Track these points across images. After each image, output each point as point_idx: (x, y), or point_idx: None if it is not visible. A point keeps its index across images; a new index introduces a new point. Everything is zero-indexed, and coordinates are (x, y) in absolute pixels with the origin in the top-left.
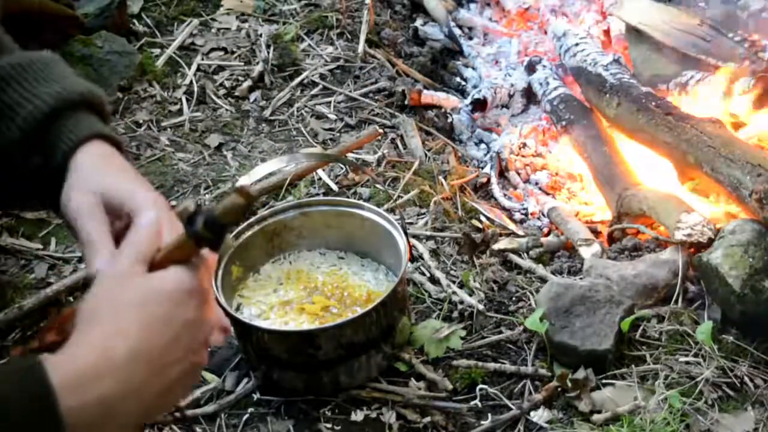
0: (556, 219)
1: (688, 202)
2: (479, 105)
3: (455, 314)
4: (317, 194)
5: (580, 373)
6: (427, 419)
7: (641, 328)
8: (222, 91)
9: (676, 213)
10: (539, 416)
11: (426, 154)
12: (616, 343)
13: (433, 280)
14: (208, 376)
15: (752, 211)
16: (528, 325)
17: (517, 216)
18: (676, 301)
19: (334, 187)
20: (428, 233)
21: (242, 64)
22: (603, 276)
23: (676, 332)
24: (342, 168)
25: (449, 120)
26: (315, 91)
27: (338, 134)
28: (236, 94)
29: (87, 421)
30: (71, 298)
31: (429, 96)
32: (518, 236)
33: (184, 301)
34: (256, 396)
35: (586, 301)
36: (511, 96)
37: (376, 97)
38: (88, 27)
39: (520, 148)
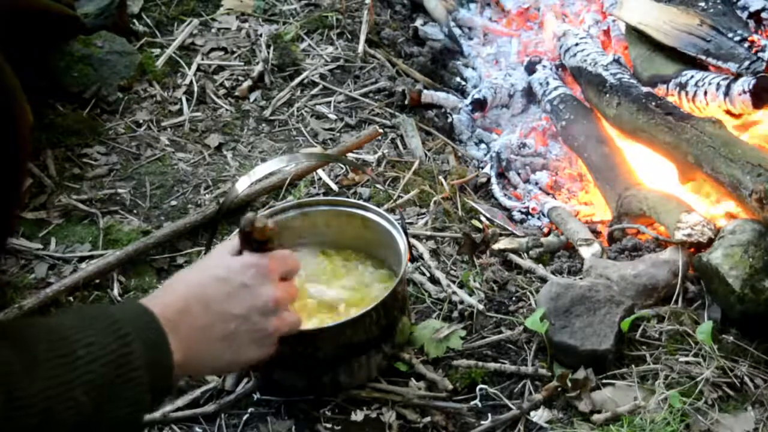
0: (556, 219)
1: (688, 202)
2: (479, 105)
3: (455, 314)
4: (317, 194)
5: (580, 373)
6: (427, 419)
7: (641, 328)
8: (222, 91)
9: (676, 213)
10: (539, 416)
11: (426, 154)
12: (616, 343)
13: (433, 280)
14: (208, 376)
15: (752, 211)
16: (528, 325)
17: (517, 216)
18: (676, 301)
19: (334, 187)
20: (428, 233)
21: (242, 64)
22: (603, 276)
23: (676, 332)
24: (342, 168)
25: (449, 120)
26: (315, 91)
27: (338, 134)
28: (236, 94)
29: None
30: (71, 298)
31: (429, 96)
32: (518, 236)
33: (241, 270)
34: (256, 396)
35: (586, 301)
36: (511, 96)
37: (376, 97)
38: (88, 27)
39: (520, 148)
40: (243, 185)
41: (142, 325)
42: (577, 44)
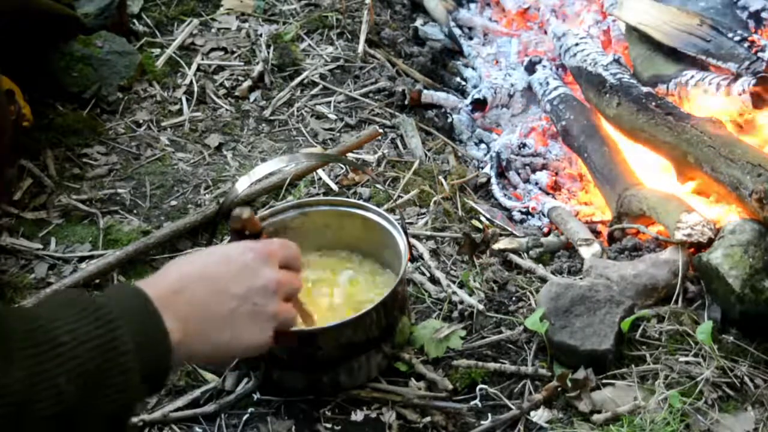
0: (556, 219)
1: (688, 202)
2: (479, 105)
3: (455, 314)
4: (317, 194)
5: (580, 373)
6: (427, 419)
7: (641, 328)
8: (222, 91)
9: (676, 213)
10: (539, 416)
11: (426, 154)
12: (616, 343)
13: (433, 280)
14: (208, 376)
15: (752, 211)
16: (528, 325)
17: (517, 216)
18: (676, 301)
19: (334, 187)
20: (428, 233)
21: (242, 64)
22: (603, 276)
23: (676, 332)
24: (342, 168)
25: (449, 120)
26: (315, 91)
27: (338, 134)
28: (236, 94)
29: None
30: None
31: (429, 96)
32: (518, 236)
33: (241, 252)
34: (256, 396)
35: (586, 301)
36: (511, 96)
37: (376, 97)
38: (88, 27)
39: (520, 148)
40: (243, 185)
41: (133, 307)
42: (577, 44)
